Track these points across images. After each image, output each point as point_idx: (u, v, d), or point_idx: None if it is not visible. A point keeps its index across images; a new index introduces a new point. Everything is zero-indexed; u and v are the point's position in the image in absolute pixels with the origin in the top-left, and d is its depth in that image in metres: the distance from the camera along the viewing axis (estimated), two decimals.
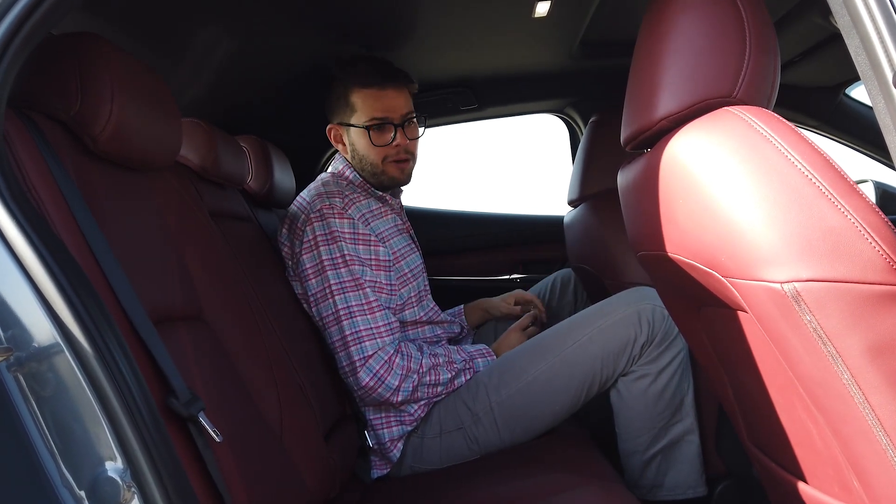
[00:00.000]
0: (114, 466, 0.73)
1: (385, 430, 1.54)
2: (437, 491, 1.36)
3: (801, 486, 0.89)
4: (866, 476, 0.72)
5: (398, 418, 1.54)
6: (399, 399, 1.48)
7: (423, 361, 1.52)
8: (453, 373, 1.54)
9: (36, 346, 0.73)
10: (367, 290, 1.51)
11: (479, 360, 1.60)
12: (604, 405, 1.55)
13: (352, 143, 1.66)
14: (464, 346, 1.65)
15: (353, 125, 1.64)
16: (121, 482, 0.72)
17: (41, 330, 0.73)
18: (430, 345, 1.66)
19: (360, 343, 1.48)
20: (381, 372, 1.47)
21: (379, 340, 1.49)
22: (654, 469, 1.48)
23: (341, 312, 1.49)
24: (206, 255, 1.19)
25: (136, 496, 0.72)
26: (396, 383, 1.47)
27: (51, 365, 0.73)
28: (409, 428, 1.54)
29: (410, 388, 1.48)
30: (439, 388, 1.53)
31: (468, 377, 1.56)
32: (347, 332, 1.48)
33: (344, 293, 1.50)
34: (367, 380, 1.47)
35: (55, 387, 0.73)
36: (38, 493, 0.73)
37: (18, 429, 0.73)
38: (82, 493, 0.73)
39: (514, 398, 1.49)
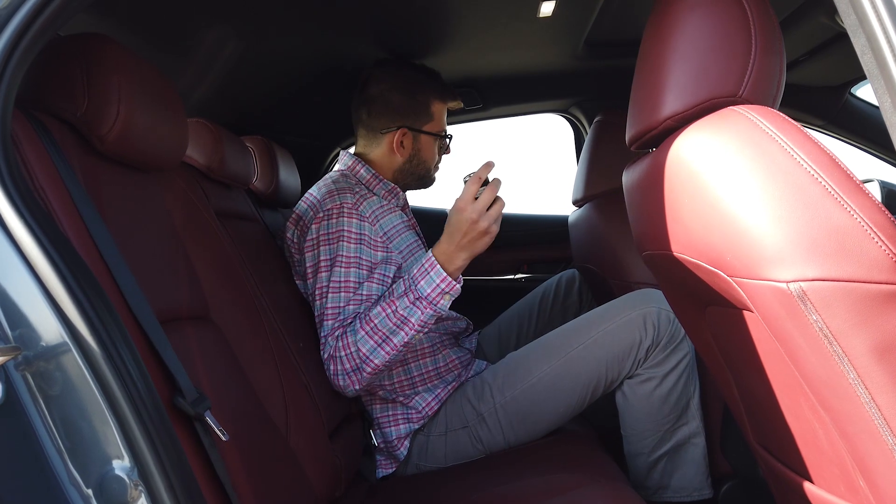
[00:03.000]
0: (121, 465, 0.73)
1: (392, 428, 1.54)
2: (441, 490, 1.36)
3: (807, 486, 0.89)
4: (872, 476, 0.72)
5: (405, 416, 1.54)
6: (367, 370, 1.38)
7: (359, 325, 1.40)
8: (392, 308, 1.39)
9: (44, 345, 0.73)
10: (350, 293, 1.45)
11: (422, 280, 1.40)
12: (610, 405, 1.55)
13: (418, 147, 1.70)
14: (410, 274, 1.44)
15: (427, 132, 1.70)
16: (128, 480, 0.72)
17: (49, 329, 0.73)
18: (431, 344, 1.63)
19: (325, 343, 1.44)
20: (333, 367, 1.41)
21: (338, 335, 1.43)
22: (660, 471, 1.48)
23: (320, 313, 1.46)
24: (212, 255, 1.19)
25: (143, 494, 0.73)
26: (347, 365, 1.39)
27: (58, 364, 0.73)
28: (417, 426, 1.54)
29: (363, 358, 1.38)
30: (397, 340, 1.37)
31: (425, 307, 1.38)
32: (322, 334, 1.45)
33: (328, 295, 1.45)
34: (333, 378, 1.42)
35: (63, 385, 0.73)
36: (45, 492, 0.73)
37: (26, 427, 0.73)
38: (90, 492, 0.73)
39: (518, 399, 1.49)
